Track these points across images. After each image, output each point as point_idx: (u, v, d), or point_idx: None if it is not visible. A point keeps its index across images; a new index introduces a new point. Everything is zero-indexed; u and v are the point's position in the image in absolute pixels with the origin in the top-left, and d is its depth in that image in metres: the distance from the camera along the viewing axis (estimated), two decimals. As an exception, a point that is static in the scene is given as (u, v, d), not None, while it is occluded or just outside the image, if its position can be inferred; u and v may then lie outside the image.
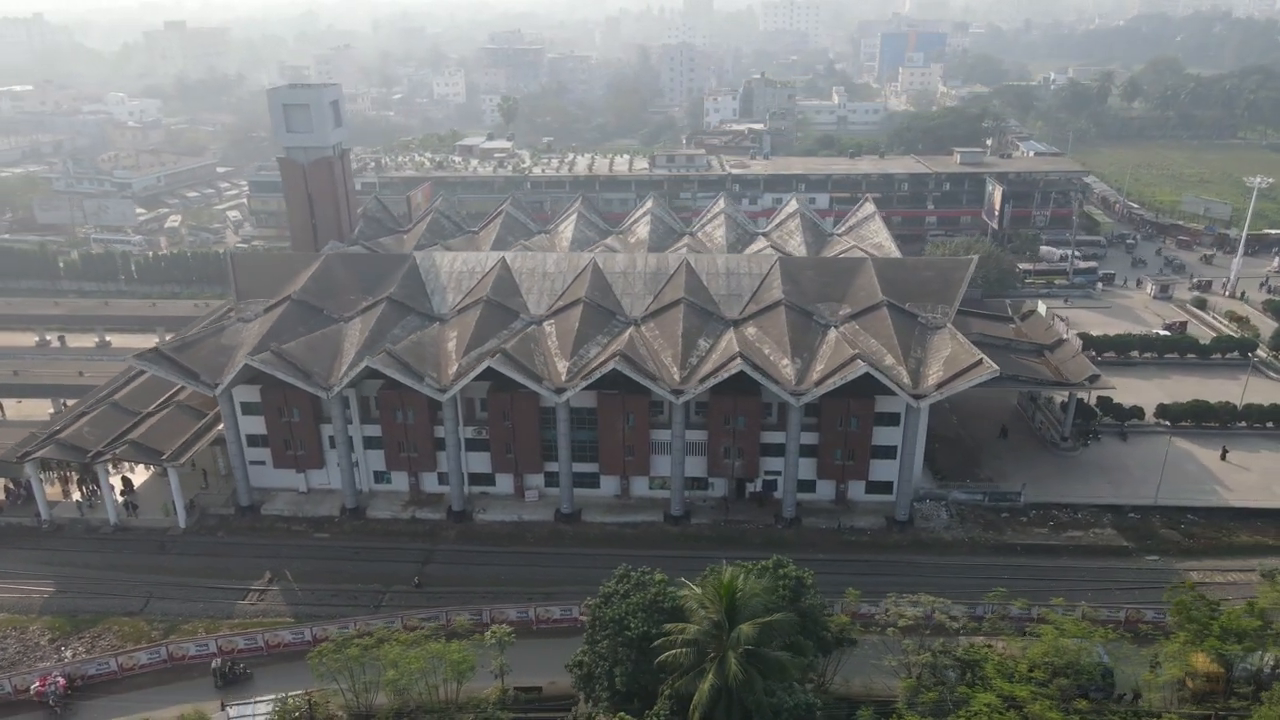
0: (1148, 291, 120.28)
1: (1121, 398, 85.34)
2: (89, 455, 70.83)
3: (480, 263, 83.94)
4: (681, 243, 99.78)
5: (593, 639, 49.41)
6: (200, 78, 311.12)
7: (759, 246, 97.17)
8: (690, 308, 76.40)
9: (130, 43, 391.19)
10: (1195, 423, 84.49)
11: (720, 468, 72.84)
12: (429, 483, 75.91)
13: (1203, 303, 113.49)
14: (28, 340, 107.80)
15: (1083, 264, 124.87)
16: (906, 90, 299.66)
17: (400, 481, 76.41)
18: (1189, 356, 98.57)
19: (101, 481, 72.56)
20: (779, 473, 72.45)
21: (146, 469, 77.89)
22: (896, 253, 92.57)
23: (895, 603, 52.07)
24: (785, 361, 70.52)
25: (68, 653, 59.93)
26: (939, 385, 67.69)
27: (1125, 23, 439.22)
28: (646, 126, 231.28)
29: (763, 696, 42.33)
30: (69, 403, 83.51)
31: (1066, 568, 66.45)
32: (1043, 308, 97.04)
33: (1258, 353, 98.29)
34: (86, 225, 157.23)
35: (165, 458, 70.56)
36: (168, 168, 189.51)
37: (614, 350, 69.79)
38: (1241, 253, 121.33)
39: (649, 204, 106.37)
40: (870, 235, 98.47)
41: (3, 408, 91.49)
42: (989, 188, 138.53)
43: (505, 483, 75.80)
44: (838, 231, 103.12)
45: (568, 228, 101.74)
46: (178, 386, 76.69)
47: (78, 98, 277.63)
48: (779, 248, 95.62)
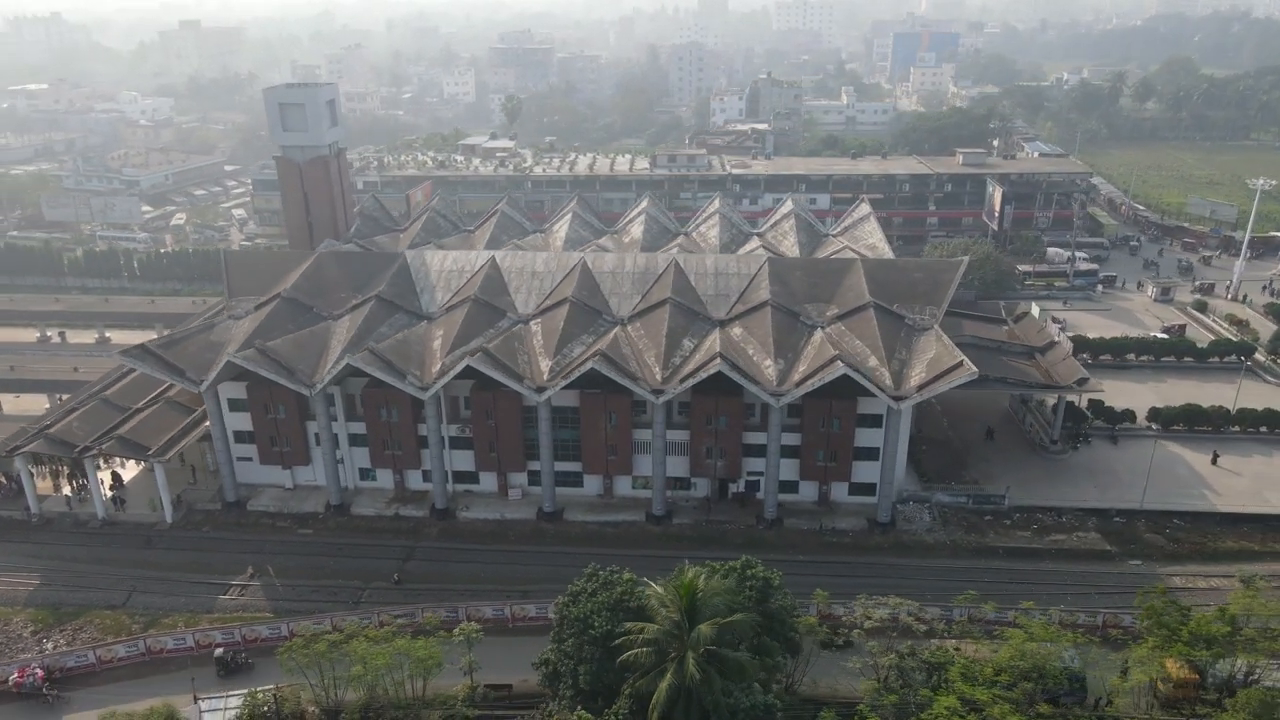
0: (1149, 294, 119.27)
1: (1115, 401, 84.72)
2: (77, 450, 71.60)
3: (470, 262, 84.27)
4: (675, 243, 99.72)
5: (559, 637, 49.63)
6: (213, 77, 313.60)
7: (752, 247, 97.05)
8: (676, 308, 76.40)
9: (146, 42, 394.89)
10: (1187, 426, 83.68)
11: (703, 468, 72.83)
12: (414, 480, 76.28)
13: (1203, 306, 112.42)
14: (29, 336, 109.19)
15: (1084, 266, 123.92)
16: (917, 90, 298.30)
17: (386, 479, 76.83)
18: (1186, 360, 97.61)
19: (89, 476, 73.31)
20: (762, 473, 72.37)
21: (137, 464, 78.63)
22: (890, 254, 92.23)
23: (863, 604, 51.86)
24: (768, 362, 70.41)
25: (49, 645, 60.68)
26: (919, 387, 67.41)
27: (1143, 23, 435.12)
28: (653, 126, 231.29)
29: (720, 697, 42.35)
30: (63, 398, 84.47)
31: (1047, 571, 66.03)
32: (1036, 310, 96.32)
33: (1256, 356, 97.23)
34: (93, 222, 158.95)
35: (151, 453, 71.22)
36: (175, 166, 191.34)
37: (595, 350, 69.90)
38: (1245, 255, 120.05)
39: (644, 204, 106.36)
40: (864, 236, 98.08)
41: (0, 403, 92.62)
42: (989, 188, 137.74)
43: (489, 481, 76.06)
44: (832, 232, 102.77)
45: (562, 227, 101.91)
46: (168, 383, 77.36)
47: (91, 96, 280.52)
48: (773, 248, 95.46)
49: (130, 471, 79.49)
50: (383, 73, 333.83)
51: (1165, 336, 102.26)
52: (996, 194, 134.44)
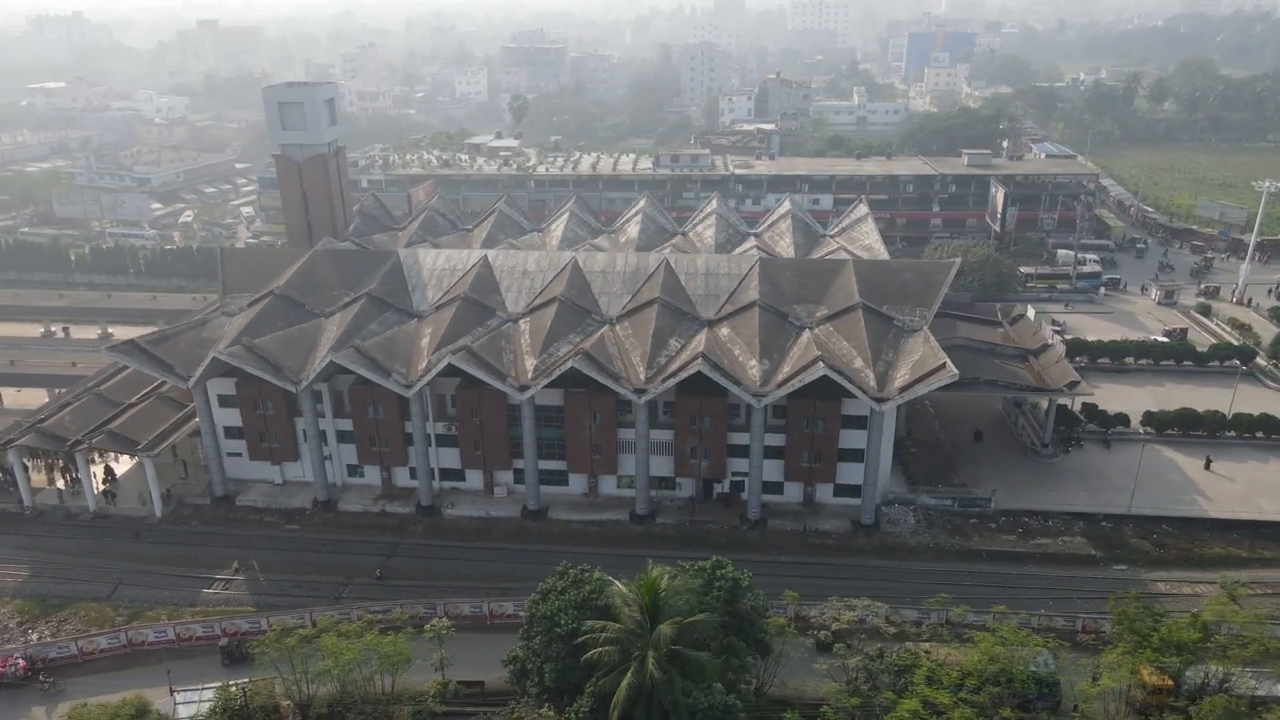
0: (1152, 297, 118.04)
1: (1111, 405, 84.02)
2: (68, 444, 72.50)
3: (462, 260, 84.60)
4: (670, 242, 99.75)
5: (528, 634, 49.86)
6: (229, 76, 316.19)
7: (748, 247, 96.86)
8: (665, 307, 76.40)
9: (165, 41, 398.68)
10: (1182, 431, 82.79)
11: (687, 468, 72.81)
12: (401, 477, 76.69)
13: (1207, 309, 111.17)
14: (34, 331, 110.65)
15: (1086, 268, 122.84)
16: (931, 91, 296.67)
17: (373, 475, 77.30)
18: (1185, 363, 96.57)
19: (81, 469, 74.18)
20: (747, 474, 72.23)
21: (130, 458, 79.45)
22: (885, 255, 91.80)
23: (834, 606, 51.70)
24: (753, 363, 70.30)
25: (34, 635, 61.48)
26: (902, 389, 67.11)
27: (1164, 23, 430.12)
28: (662, 126, 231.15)
29: (680, 696, 42.38)
30: (61, 392, 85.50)
31: (1030, 575, 65.57)
32: (1031, 312, 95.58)
33: (1257, 360, 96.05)
34: (103, 219, 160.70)
35: (141, 448, 72.01)
36: (187, 164, 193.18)
37: (579, 349, 70.03)
38: (1250, 258, 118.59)
39: (641, 203, 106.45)
40: (861, 237, 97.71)
41: (1, 397, 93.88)
42: (992, 190, 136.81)
43: (475, 478, 76.35)
44: (829, 233, 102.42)
45: (559, 226, 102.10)
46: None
47: (108, 94, 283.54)
48: (769, 248, 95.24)
49: (124, 466, 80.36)
50: (397, 72, 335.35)
51: (1165, 340, 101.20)
52: (999, 195, 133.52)
